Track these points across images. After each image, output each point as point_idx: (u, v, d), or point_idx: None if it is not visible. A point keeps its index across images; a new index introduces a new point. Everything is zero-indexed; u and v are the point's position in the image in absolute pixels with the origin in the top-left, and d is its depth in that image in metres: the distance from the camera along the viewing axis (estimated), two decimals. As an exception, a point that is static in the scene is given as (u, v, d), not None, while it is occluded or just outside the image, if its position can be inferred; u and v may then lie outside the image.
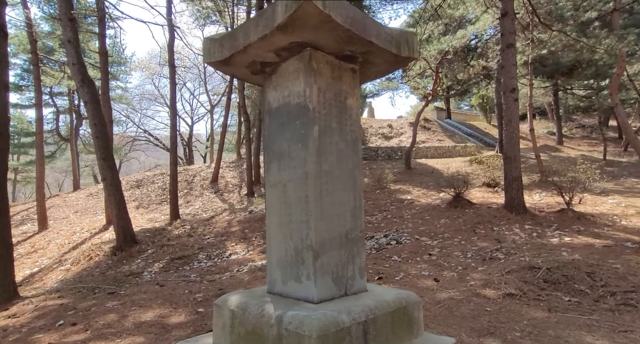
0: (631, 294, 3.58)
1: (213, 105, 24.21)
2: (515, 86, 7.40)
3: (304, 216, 2.60)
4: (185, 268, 6.51)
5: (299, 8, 2.13)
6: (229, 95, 17.17)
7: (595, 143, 24.11)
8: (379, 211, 9.53)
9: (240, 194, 14.63)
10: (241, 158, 20.27)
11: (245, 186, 15.62)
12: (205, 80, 23.60)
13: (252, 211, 10.63)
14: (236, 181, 16.57)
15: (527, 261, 4.71)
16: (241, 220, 9.53)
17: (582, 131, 28.31)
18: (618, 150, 19.30)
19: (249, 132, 14.84)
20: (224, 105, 28.92)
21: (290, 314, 2.32)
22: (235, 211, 10.98)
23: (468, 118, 28.31)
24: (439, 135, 21.22)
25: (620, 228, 6.14)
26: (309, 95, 2.59)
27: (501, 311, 3.48)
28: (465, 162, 15.69)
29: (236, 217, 9.98)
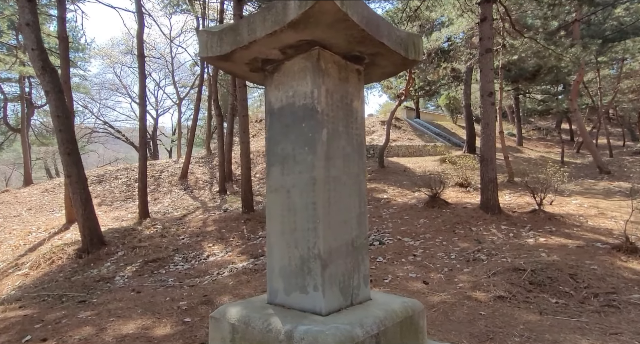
0: (612, 295, 3.78)
1: (181, 97, 23.25)
2: (493, 90, 7.64)
3: (311, 223, 2.49)
4: (160, 272, 6.16)
5: (315, 4, 2.02)
6: (200, 88, 16.53)
7: (551, 144, 25.65)
8: (357, 211, 9.53)
9: (211, 191, 14.17)
10: (211, 153, 19.65)
11: (217, 183, 15.17)
12: (173, 71, 22.58)
13: (226, 209, 10.30)
14: (207, 178, 16.04)
15: (510, 263, 4.87)
16: (216, 219, 9.20)
17: (538, 133, 30.03)
18: (571, 152, 20.60)
19: (222, 127, 14.36)
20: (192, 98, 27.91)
21: (301, 329, 2.20)
22: (209, 210, 10.59)
23: (435, 118, 29.15)
24: (409, 134, 21.66)
25: (588, 228, 6.52)
26: (317, 96, 2.48)
27: (495, 315, 3.55)
28: (436, 161, 16.11)
29: (210, 216, 9.62)
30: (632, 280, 4.12)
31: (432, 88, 19.66)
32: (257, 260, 6.57)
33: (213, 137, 21.49)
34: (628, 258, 4.71)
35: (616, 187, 10.24)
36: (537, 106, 26.91)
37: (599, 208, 7.83)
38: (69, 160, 6.95)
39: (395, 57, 2.75)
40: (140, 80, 10.29)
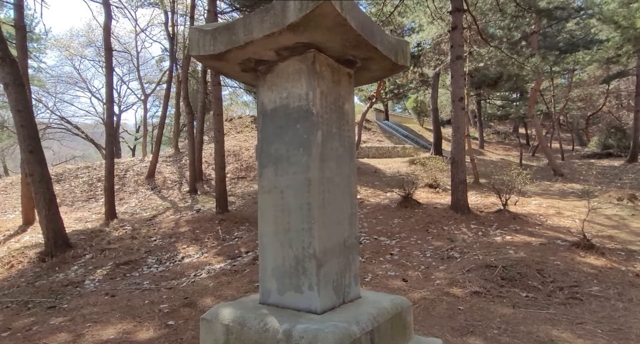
0: (575, 288, 4.12)
1: (147, 93, 22.37)
2: (463, 95, 8.02)
3: (306, 224, 2.54)
4: (134, 275, 5.94)
5: (316, 8, 2.08)
6: (169, 85, 16.01)
7: (509, 148, 27.15)
8: (332, 211, 9.66)
9: (181, 191, 13.78)
10: (179, 152, 19.08)
11: (186, 182, 14.78)
12: (138, 66, 21.68)
13: (199, 210, 10.08)
14: (175, 177, 15.57)
15: (482, 260, 5.15)
16: (189, 219, 8.98)
17: (497, 137, 31.68)
18: (528, 155, 21.91)
19: (192, 125, 14.01)
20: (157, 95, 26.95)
21: (300, 327, 2.25)
22: (180, 210, 10.31)
23: (403, 120, 29.97)
24: (378, 135, 22.13)
25: (548, 227, 7.01)
26: (312, 98, 2.54)
27: (473, 310, 3.77)
28: (405, 162, 16.58)
29: (183, 216, 9.38)
30: (590, 274, 4.51)
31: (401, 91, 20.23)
32: (235, 261, 6.50)
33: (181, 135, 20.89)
34: (586, 253, 5.13)
35: (569, 188, 11.05)
36: (497, 111, 28.44)
37: (556, 208, 8.43)
38: (31, 158, 6.54)
39: (385, 62, 2.85)
40: (108, 74, 9.84)
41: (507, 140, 30.69)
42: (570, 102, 21.64)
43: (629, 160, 16.49)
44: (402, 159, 17.82)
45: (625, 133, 21.96)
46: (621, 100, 25.45)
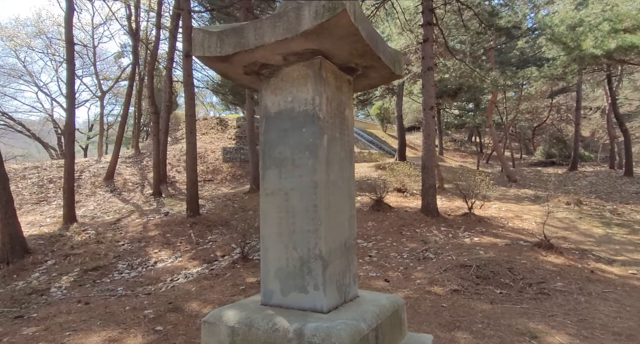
0: (542, 284, 4.51)
1: (104, 91, 21.16)
2: (434, 104, 8.45)
3: (312, 225, 2.61)
4: (104, 281, 5.64)
5: (332, 18, 2.18)
6: (132, 82, 15.31)
7: (465, 155, 28.75)
8: (305, 214, 9.73)
9: (143, 193, 13.20)
10: (140, 153, 18.24)
11: (149, 185, 14.18)
12: (95, 61, 20.47)
13: (167, 213, 9.73)
14: (137, 179, 14.88)
15: (456, 260, 5.47)
16: (158, 223, 8.65)
17: (454, 144, 33.43)
18: (482, 162, 23.32)
19: (157, 125, 13.49)
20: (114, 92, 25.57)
21: (311, 326, 2.31)
22: (146, 214, 9.89)
23: (366, 126, 30.71)
24: (345, 140, 22.52)
25: (510, 229, 7.56)
26: (318, 103, 2.62)
27: (455, 306, 4.01)
28: (371, 167, 17.03)
29: (150, 220, 9.00)
30: (553, 271, 4.95)
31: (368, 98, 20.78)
32: (212, 265, 6.38)
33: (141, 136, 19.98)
34: (547, 253, 5.62)
35: (523, 194, 11.94)
36: (454, 120, 30.03)
37: (514, 212, 9.09)
38: (-15, 156, 6.02)
39: (385, 71, 3.01)
40: (69, 69, 9.26)
41: (462, 147, 32.46)
42: (519, 114, 23.37)
43: (571, 168, 18.10)
44: (369, 164, 18.28)
45: (566, 143, 24.10)
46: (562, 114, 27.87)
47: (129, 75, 15.88)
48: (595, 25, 9.62)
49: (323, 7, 2.22)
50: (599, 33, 9.31)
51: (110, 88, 22.16)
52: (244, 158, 17.50)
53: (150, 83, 13.64)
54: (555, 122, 27.12)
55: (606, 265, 5.42)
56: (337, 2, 2.19)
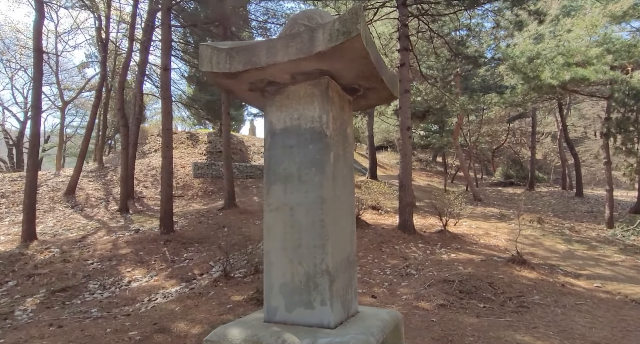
0: (521, 298, 4.76)
1: (66, 101, 20.13)
2: (410, 125, 8.83)
3: (319, 240, 2.65)
4: (74, 302, 5.26)
5: (346, 41, 2.32)
6: (99, 93, 14.73)
7: (430, 174, 29.83)
8: (283, 231, 9.66)
9: (108, 209, 12.54)
10: (104, 167, 17.39)
11: (114, 200, 13.53)
12: (57, 70, 19.52)
13: (138, 230, 9.29)
14: (100, 195, 14.13)
15: (437, 276, 5.65)
16: (129, 240, 8.23)
17: (419, 164, 34.66)
18: (448, 182, 24.30)
19: (127, 139, 13.00)
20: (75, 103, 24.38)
21: (323, 341, 2.32)
22: (114, 230, 9.38)
23: (337, 144, 31.13)
24: (316, 158, 22.74)
25: (482, 245, 7.92)
26: (325, 121, 2.71)
27: (444, 321, 4.13)
28: (344, 185, 17.24)
29: (120, 237, 8.55)
30: (529, 285, 5.24)
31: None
32: (191, 284, 6.15)
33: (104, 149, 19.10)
34: (521, 268, 5.94)
35: (489, 212, 12.56)
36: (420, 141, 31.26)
37: (484, 229, 9.54)
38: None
39: (385, 92, 3.17)
40: (37, 78, 8.81)
41: (428, 167, 33.70)
42: (480, 137, 24.77)
43: (528, 188, 19.30)
44: (340, 182, 18.48)
45: (522, 165, 25.71)
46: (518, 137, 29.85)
47: (97, 87, 15.30)
48: (550, 58, 10.57)
49: (337, 31, 2.35)
50: (554, 65, 10.24)
51: (73, 99, 21.15)
52: (215, 174, 17.17)
53: (120, 95, 13.20)
54: (512, 145, 28.94)
55: (574, 278, 5.80)
56: (351, 26, 2.33)
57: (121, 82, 13.63)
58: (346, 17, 2.37)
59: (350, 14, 2.37)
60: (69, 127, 26.47)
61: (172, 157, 9.33)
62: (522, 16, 8.99)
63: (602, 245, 8.10)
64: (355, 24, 2.35)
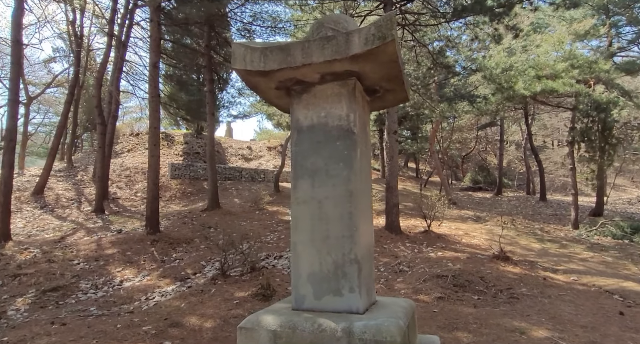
0: (510, 290, 5.12)
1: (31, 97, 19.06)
2: (397, 129, 9.17)
3: (347, 231, 2.83)
4: (69, 302, 5.08)
5: (381, 45, 2.54)
6: (73, 89, 14.13)
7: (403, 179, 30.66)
8: (270, 232, 9.71)
9: (81, 210, 12.04)
10: (73, 166, 16.63)
11: (86, 201, 13.01)
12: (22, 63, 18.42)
13: (121, 231, 9.01)
14: (71, 195, 13.52)
15: (429, 272, 5.94)
16: (114, 241, 7.97)
17: (392, 169, 35.52)
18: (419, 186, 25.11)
19: (104, 137, 12.55)
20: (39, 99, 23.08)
21: (359, 324, 2.50)
22: (94, 231, 9.05)
23: (313, 148, 31.41)
24: (294, 161, 22.85)
25: (465, 244, 8.34)
26: (353, 119, 2.91)
27: (445, 311, 4.39)
28: (323, 188, 17.45)
29: (103, 238, 8.26)
30: (515, 279, 5.63)
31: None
32: (186, 283, 6.09)
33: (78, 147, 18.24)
34: (505, 264, 6.36)
35: (465, 214, 13.17)
36: (393, 146, 32.11)
37: (463, 230, 10.03)
38: None
39: (402, 95, 3.41)
40: (14, 70, 8.42)
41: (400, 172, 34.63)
42: (451, 143, 25.87)
43: (496, 193, 20.35)
44: (320, 185, 18.67)
45: (489, 171, 27.04)
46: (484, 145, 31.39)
47: (71, 82, 14.66)
48: (522, 70, 11.34)
49: (373, 36, 2.55)
50: (526, 77, 11.00)
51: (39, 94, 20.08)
52: (193, 175, 16.87)
53: (98, 93, 12.75)
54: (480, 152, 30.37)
55: (552, 273, 6.29)
56: (386, 32, 2.54)
57: (99, 79, 13.18)
58: (381, 23, 2.58)
59: (385, 21, 2.57)
60: (30, 124, 24.95)
61: (160, 155, 9.16)
62: (500, 30, 9.63)
63: (572, 244, 8.79)
64: (390, 30, 2.55)
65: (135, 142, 20.24)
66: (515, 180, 29.78)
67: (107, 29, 13.36)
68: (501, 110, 14.24)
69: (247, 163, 21.21)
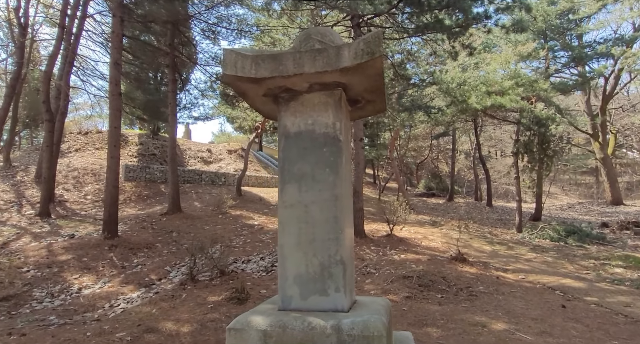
0: (469, 288, 5.55)
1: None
2: (363, 136, 9.52)
3: (333, 234, 3.02)
4: (22, 312, 4.72)
5: (370, 60, 2.79)
6: (15, 82, 13.04)
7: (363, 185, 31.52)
8: (235, 236, 9.60)
9: (23, 214, 11.11)
10: (11, 166, 15.26)
11: (28, 204, 12.04)
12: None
13: (73, 235, 8.45)
14: (10, 197, 12.42)
15: (395, 273, 6.25)
16: (67, 246, 7.47)
17: (349, 175, 36.30)
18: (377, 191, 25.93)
19: (52, 135, 11.70)
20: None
21: (347, 321, 2.69)
22: (41, 236, 8.41)
23: (273, 152, 31.33)
24: (255, 165, 22.63)
25: (425, 247, 8.83)
26: (339, 128, 3.13)
27: (413, 309, 4.68)
28: (285, 192, 17.48)
29: (53, 243, 7.71)
30: (472, 278, 6.10)
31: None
32: (152, 289, 5.89)
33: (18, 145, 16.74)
34: (462, 265, 6.85)
35: (422, 219, 13.86)
36: (352, 153, 32.89)
37: (421, 233, 10.59)
38: None
39: (381, 105, 3.69)
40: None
41: (358, 178, 35.45)
42: (407, 151, 27.05)
43: (449, 199, 21.56)
44: (281, 189, 18.67)
45: (441, 178, 28.58)
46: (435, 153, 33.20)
47: (13, 75, 13.52)
48: (474, 86, 12.27)
49: (362, 51, 2.78)
50: (478, 92, 11.91)
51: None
52: (149, 177, 16.18)
53: (46, 87, 11.85)
54: (433, 160, 32.01)
55: (503, 272, 6.88)
56: (375, 48, 2.77)
57: (48, 72, 12.26)
58: (370, 39, 2.80)
59: (374, 38, 2.80)
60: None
61: (119, 156, 8.74)
62: (457, 47, 10.37)
63: (517, 246, 9.62)
64: (378, 47, 2.79)
65: (83, 141, 18.99)
66: (465, 187, 31.74)
67: (59, 20, 12.50)
68: (455, 121, 15.22)
69: (206, 166, 20.68)
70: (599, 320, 4.38)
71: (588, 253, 8.75)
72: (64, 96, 13.17)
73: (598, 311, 4.76)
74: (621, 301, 5.22)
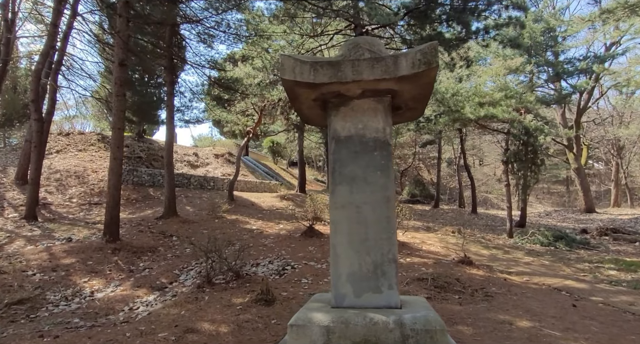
0: (484, 289, 5.75)
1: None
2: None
3: (385, 234, 3.15)
4: (41, 315, 4.52)
5: (426, 69, 2.96)
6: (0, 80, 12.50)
7: (345, 192, 31.73)
8: (237, 240, 9.49)
9: (7, 217, 10.61)
10: (-9, 166, 14.53)
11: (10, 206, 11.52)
12: None
13: (71, 239, 8.14)
14: (-9, 199, 11.83)
15: (408, 275, 6.39)
16: (67, 250, 7.19)
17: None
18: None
19: (41, 135, 11.26)
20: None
21: (408, 316, 2.82)
22: (35, 240, 8.05)
23: (259, 157, 31.15)
24: (243, 170, 22.42)
25: (427, 251, 9.03)
26: (388, 132, 3.30)
27: (437, 309, 4.80)
28: (275, 197, 17.45)
29: (53, 247, 7.40)
30: (483, 280, 6.32)
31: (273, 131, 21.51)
32: (166, 293, 5.79)
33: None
34: (470, 268, 7.07)
35: (415, 225, 14.14)
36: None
37: (419, 238, 10.82)
38: None
39: (419, 113, 3.87)
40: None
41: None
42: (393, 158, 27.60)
43: (434, 206, 22.08)
44: (271, 194, 18.63)
45: (425, 186, 29.22)
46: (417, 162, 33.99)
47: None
48: (467, 96, 12.76)
49: (419, 61, 2.95)
50: (472, 103, 12.40)
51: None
52: (137, 181, 15.79)
53: (36, 86, 11.41)
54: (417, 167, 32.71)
55: (508, 275, 7.15)
56: (431, 58, 2.95)
57: (37, 71, 11.80)
58: (426, 50, 2.97)
59: (430, 49, 2.97)
60: None
61: (122, 157, 8.53)
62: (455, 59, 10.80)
63: (512, 250, 10.00)
64: (434, 57, 2.96)
65: (65, 143, 18.31)
66: (447, 194, 32.55)
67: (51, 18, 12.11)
68: (447, 130, 15.72)
69: (193, 170, 20.34)
70: (610, 318, 4.65)
71: (581, 257, 9.21)
72: (50, 96, 12.75)
73: (607, 309, 5.05)
74: (624, 300, 5.56)
